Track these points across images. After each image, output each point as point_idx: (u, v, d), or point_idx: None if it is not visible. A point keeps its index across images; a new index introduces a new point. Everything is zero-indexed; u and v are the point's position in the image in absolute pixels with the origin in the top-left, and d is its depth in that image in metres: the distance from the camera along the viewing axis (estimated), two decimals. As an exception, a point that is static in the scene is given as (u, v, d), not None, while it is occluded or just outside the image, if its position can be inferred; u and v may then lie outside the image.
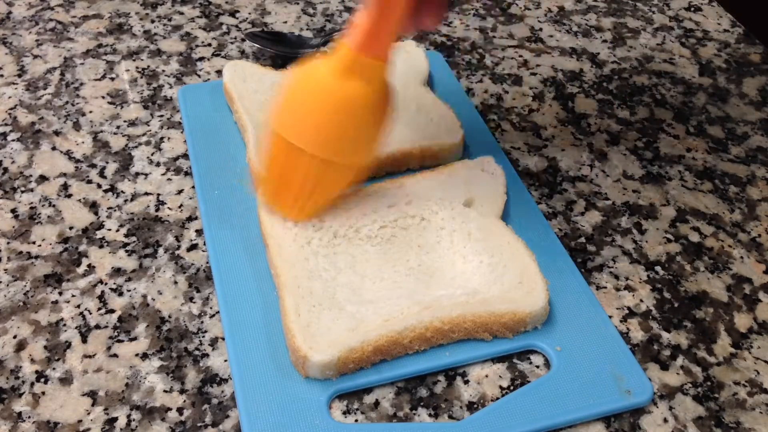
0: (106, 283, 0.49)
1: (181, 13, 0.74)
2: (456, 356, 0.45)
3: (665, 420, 0.43)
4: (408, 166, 0.56)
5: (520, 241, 0.49)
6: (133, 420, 0.42)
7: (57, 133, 0.60)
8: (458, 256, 0.48)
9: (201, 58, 0.68)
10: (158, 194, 0.55)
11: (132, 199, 0.55)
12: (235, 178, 0.55)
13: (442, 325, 0.44)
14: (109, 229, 0.53)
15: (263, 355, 0.44)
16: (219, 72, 0.66)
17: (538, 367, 0.45)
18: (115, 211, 0.54)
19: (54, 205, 0.54)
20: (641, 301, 0.50)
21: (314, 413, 0.42)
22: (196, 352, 0.45)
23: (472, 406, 0.43)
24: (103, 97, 0.64)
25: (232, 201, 0.53)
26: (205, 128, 0.59)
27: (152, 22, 0.72)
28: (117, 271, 0.50)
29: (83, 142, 0.59)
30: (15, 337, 0.46)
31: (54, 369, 0.44)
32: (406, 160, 0.56)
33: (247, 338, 0.45)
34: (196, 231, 0.52)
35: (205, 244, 0.51)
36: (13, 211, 0.54)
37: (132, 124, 0.61)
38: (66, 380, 0.44)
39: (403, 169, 0.56)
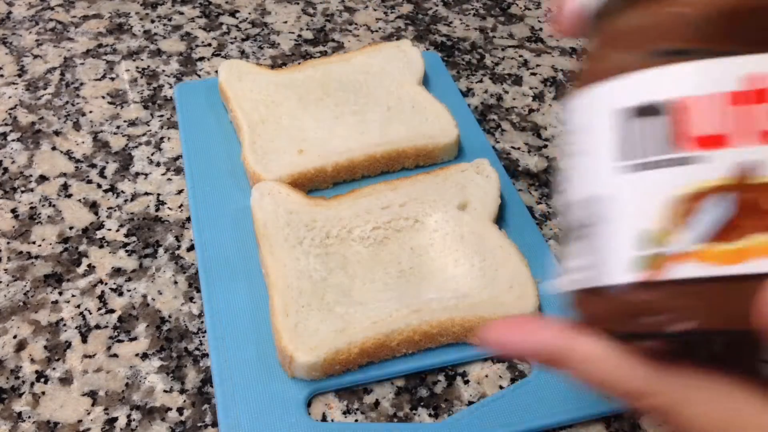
0: (106, 283, 0.49)
1: (181, 13, 0.74)
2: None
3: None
4: (403, 166, 0.56)
5: (512, 245, 0.48)
6: (133, 420, 0.42)
7: (57, 133, 0.60)
8: (450, 260, 0.48)
9: (201, 58, 0.68)
10: (158, 194, 0.55)
11: (132, 199, 0.55)
12: (230, 177, 0.55)
13: (431, 328, 0.43)
14: (109, 229, 0.53)
15: (252, 356, 0.44)
16: (219, 72, 0.66)
17: (538, 367, 0.45)
18: (115, 211, 0.54)
19: (54, 205, 0.54)
20: (641, 301, 0.49)
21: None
22: (196, 352, 0.45)
23: (472, 406, 0.43)
24: (103, 97, 0.64)
25: (227, 199, 0.53)
26: (201, 126, 0.59)
27: (152, 22, 0.72)
28: (117, 271, 0.50)
29: (83, 142, 0.59)
30: (15, 337, 0.46)
31: (54, 369, 0.44)
32: (401, 159, 0.56)
33: (236, 338, 0.45)
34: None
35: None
36: (13, 211, 0.54)
37: (132, 124, 0.61)
38: (66, 380, 0.44)
39: (398, 169, 0.56)
